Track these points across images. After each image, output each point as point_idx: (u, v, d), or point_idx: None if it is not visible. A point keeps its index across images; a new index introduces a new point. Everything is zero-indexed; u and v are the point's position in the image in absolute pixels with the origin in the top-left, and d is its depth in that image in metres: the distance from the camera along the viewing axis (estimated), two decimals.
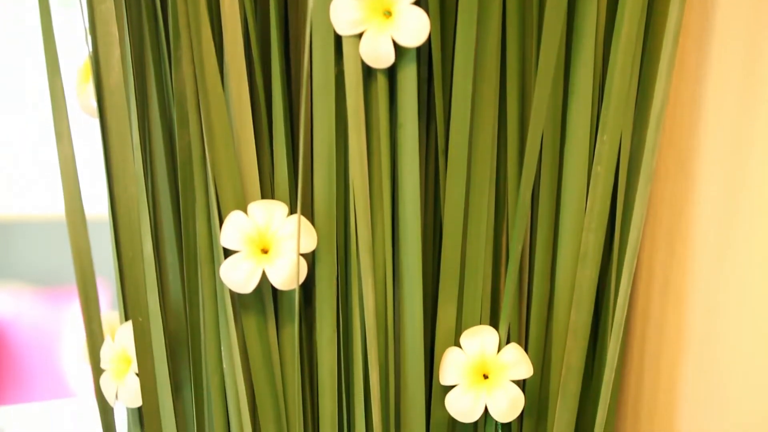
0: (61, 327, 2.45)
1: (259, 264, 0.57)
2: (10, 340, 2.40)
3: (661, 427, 0.65)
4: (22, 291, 2.55)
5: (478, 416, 0.58)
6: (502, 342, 0.59)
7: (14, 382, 2.41)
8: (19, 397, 2.36)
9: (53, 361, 2.44)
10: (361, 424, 0.59)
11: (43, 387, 2.41)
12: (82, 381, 2.40)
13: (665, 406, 0.65)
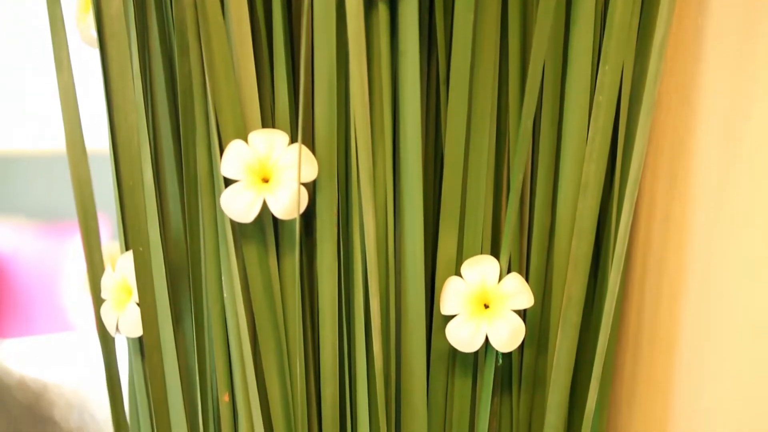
0: (61, 261, 2.46)
1: (260, 193, 0.57)
2: (10, 274, 2.41)
3: (662, 357, 0.65)
4: (22, 225, 2.56)
5: (478, 346, 0.59)
6: (503, 272, 0.59)
7: (15, 315, 2.42)
8: (19, 331, 2.37)
9: (54, 295, 2.44)
10: (361, 353, 0.60)
11: (43, 320, 2.42)
12: (83, 314, 2.41)
13: (666, 336, 0.65)
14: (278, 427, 0.60)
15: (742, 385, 0.59)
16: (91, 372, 2.11)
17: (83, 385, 2.09)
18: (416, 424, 0.60)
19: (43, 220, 2.57)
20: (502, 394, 0.62)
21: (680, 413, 0.64)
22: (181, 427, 0.62)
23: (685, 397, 0.63)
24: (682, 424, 0.64)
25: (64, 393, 2.08)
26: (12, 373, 2.06)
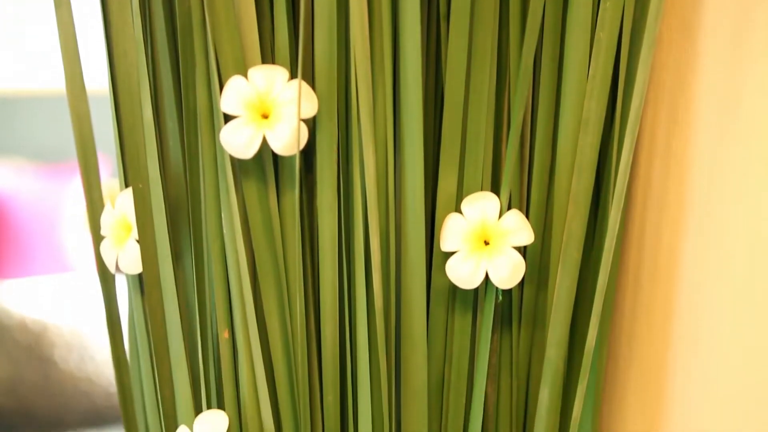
0: (61, 203, 2.46)
1: (260, 129, 0.57)
2: (10, 215, 2.41)
3: (662, 295, 0.65)
4: (23, 167, 2.56)
5: (478, 282, 0.59)
6: (503, 208, 0.59)
7: (15, 256, 2.42)
8: (19, 272, 2.38)
9: (54, 237, 2.45)
10: (361, 290, 0.60)
11: (43, 261, 2.43)
12: (82, 255, 2.41)
13: (666, 273, 0.65)
14: (278, 364, 0.61)
15: (743, 317, 0.60)
16: (90, 313, 2.12)
17: (83, 326, 2.10)
18: (416, 361, 0.60)
19: (43, 161, 2.58)
20: (502, 331, 0.63)
21: (680, 348, 0.64)
22: (180, 365, 0.62)
23: (685, 333, 0.64)
24: (682, 358, 0.64)
25: (64, 334, 2.09)
26: (12, 315, 2.07)
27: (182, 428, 0.61)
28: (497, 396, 0.63)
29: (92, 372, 2.12)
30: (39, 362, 2.09)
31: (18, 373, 2.08)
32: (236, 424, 0.61)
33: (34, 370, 2.09)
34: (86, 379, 2.11)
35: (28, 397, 2.08)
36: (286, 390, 0.61)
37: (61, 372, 2.10)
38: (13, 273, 2.36)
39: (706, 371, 0.62)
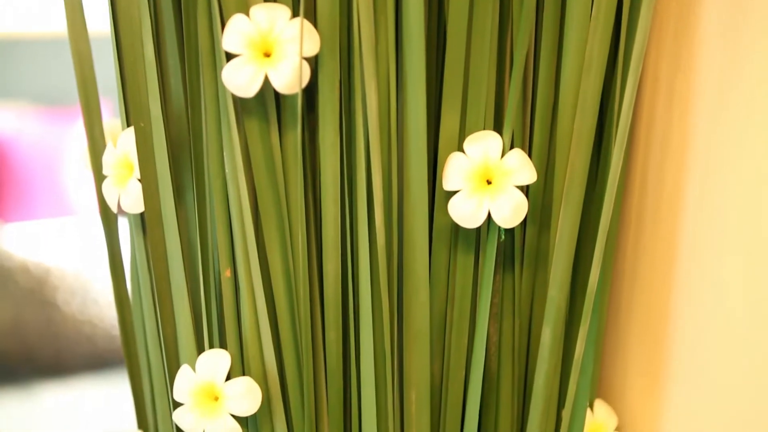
0: (64, 146, 2.46)
1: (262, 67, 0.56)
2: (13, 158, 2.41)
3: (665, 235, 0.65)
4: (26, 110, 2.55)
5: (481, 222, 0.59)
6: (506, 147, 0.59)
7: (17, 200, 2.42)
8: (22, 215, 2.38)
9: (56, 180, 2.45)
10: (363, 229, 0.60)
11: (46, 205, 2.43)
12: (85, 199, 2.41)
13: (669, 212, 0.65)
14: (280, 303, 0.61)
15: (746, 258, 0.60)
16: (93, 256, 2.12)
17: (86, 269, 2.11)
18: (418, 299, 0.60)
19: (46, 104, 2.57)
20: (504, 271, 0.63)
21: (683, 289, 0.64)
22: (182, 303, 0.63)
23: (688, 274, 0.64)
24: (684, 299, 0.64)
25: (67, 277, 2.10)
26: (14, 258, 2.08)
27: (184, 367, 0.61)
28: (499, 336, 0.63)
29: (95, 315, 2.13)
30: (41, 305, 2.10)
31: (20, 316, 2.09)
32: (238, 362, 0.62)
33: (36, 314, 2.10)
34: (88, 323, 2.12)
35: (30, 341, 2.09)
36: (288, 328, 0.61)
37: (64, 315, 2.11)
38: (15, 216, 2.36)
39: (709, 312, 0.62)
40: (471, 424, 0.63)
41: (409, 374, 0.62)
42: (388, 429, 0.61)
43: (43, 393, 2.05)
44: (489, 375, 0.63)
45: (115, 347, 2.11)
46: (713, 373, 0.62)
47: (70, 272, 2.12)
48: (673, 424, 0.65)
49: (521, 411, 0.65)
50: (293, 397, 0.62)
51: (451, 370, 0.62)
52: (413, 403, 0.62)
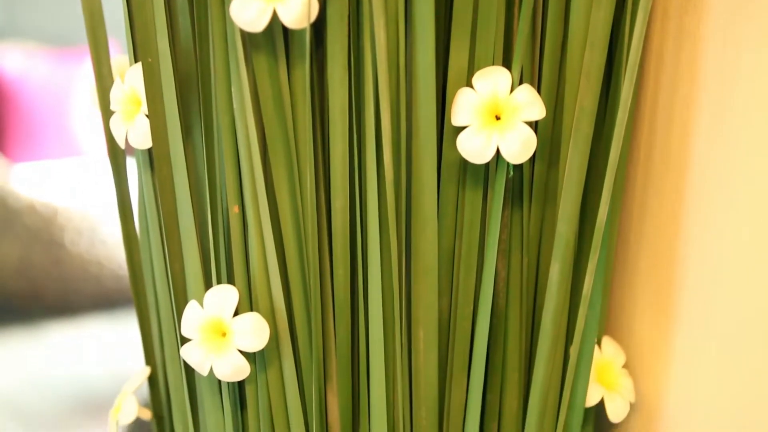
0: (72, 86, 2.46)
1: (270, 2, 0.56)
2: (21, 99, 2.41)
3: (674, 172, 0.65)
4: (33, 50, 2.55)
5: (489, 157, 0.58)
6: (515, 83, 0.59)
7: (25, 141, 2.42)
8: (30, 156, 2.38)
9: (64, 121, 2.45)
10: (372, 164, 0.59)
11: (53, 145, 2.43)
12: (92, 139, 2.41)
13: (678, 152, 0.64)
14: (288, 239, 0.61)
15: (756, 193, 0.59)
16: (101, 197, 2.12)
17: (93, 210, 2.11)
18: (426, 235, 0.60)
19: (54, 45, 2.56)
20: (512, 207, 0.62)
21: (691, 225, 0.64)
22: (190, 240, 0.63)
23: (696, 210, 0.63)
24: (694, 233, 0.64)
25: (74, 218, 2.10)
26: (22, 198, 2.08)
27: (192, 303, 0.61)
28: (507, 272, 0.63)
29: (102, 255, 2.13)
30: (49, 246, 2.10)
31: (28, 256, 2.09)
32: (246, 298, 0.62)
33: (44, 254, 2.10)
34: (96, 262, 2.13)
35: (38, 281, 2.10)
36: (296, 264, 0.61)
37: (71, 255, 2.11)
38: (23, 157, 2.37)
39: (718, 248, 0.62)
40: (479, 360, 0.63)
41: (417, 311, 0.62)
42: (396, 366, 0.62)
43: (51, 332, 2.06)
44: (497, 311, 0.63)
45: (122, 287, 2.12)
46: (722, 309, 0.62)
47: (78, 212, 2.12)
48: (680, 360, 0.66)
49: (529, 347, 0.65)
50: (301, 333, 0.62)
51: (459, 306, 0.62)
52: (421, 340, 0.62)
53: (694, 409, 0.65)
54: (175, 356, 0.67)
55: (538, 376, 0.63)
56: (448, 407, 0.63)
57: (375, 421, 0.62)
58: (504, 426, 0.65)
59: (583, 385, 0.65)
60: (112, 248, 2.13)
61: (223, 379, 0.61)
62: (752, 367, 0.61)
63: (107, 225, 2.13)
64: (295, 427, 0.62)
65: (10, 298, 2.08)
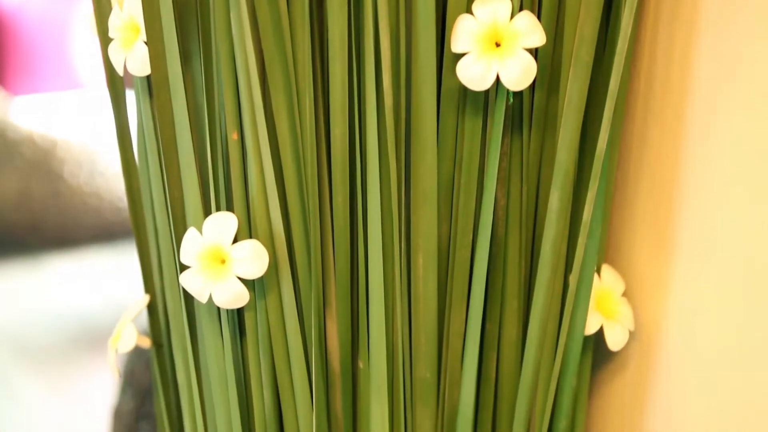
0: (70, 18, 2.44)
1: None
2: (19, 30, 2.39)
3: (675, 100, 0.65)
4: None
5: (489, 84, 0.58)
6: (515, 9, 0.58)
7: (24, 73, 2.41)
8: (29, 88, 2.37)
9: (63, 53, 2.44)
10: (371, 91, 0.59)
11: (53, 78, 2.42)
12: (92, 72, 2.40)
13: (679, 81, 0.64)
14: (287, 165, 0.61)
15: (756, 122, 0.59)
16: (100, 129, 2.11)
17: (92, 142, 2.11)
18: (426, 162, 0.60)
19: None
20: (512, 135, 0.62)
21: (692, 151, 0.64)
22: (189, 166, 0.62)
23: (697, 137, 0.63)
24: (694, 162, 0.64)
25: (73, 149, 2.09)
26: (20, 130, 2.07)
27: (191, 230, 0.61)
28: (507, 200, 0.63)
29: (101, 187, 2.13)
30: (48, 178, 2.10)
31: (27, 188, 2.09)
32: (245, 225, 0.62)
33: (43, 186, 2.10)
34: (95, 195, 2.12)
35: (37, 213, 2.10)
36: (295, 191, 0.61)
37: (71, 187, 2.11)
38: (22, 89, 2.36)
39: (718, 177, 0.62)
40: (478, 288, 0.63)
41: (417, 238, 0.62)
42: (395, 293, 0.62)
43: (51, 264, 2.06)
44: (496, 239, 0.63)
45: (121, 219, 2.12)
46: (722, 237, 0.62)
47: (77, 144, 2.12)
48: (680, 289, 0.66)
49: (528, 276, 0.65)
50: (300, 260, 0.62)
51: (459, 234, 0.62)
52: (420, 266, 0.62)
53: (694, 337, 0.65)
54: (174, 284, 0.67)
55: (538, 305, 0.63)
56: (447, 335, 0.64)
57: (374, 348, 0.62)
58: (503, 354, 0.65)
59: (582, 314, 0.65)
60: (111, 180, 2.13)
61: (222, 307, 0.61)
62: (752, 294, 0.61)
63: (106, 157, 2.13)
64: (294, 354, 0.62)
65: (9, 231, 2.09)
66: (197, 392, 0.67)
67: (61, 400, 1.63)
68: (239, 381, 0.64)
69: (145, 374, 1.04)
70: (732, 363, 0.63)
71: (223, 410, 0.65)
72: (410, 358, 0.63)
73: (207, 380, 0.66)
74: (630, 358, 0.70)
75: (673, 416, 0.67)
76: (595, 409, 0.74)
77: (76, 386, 1.67)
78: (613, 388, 0.72)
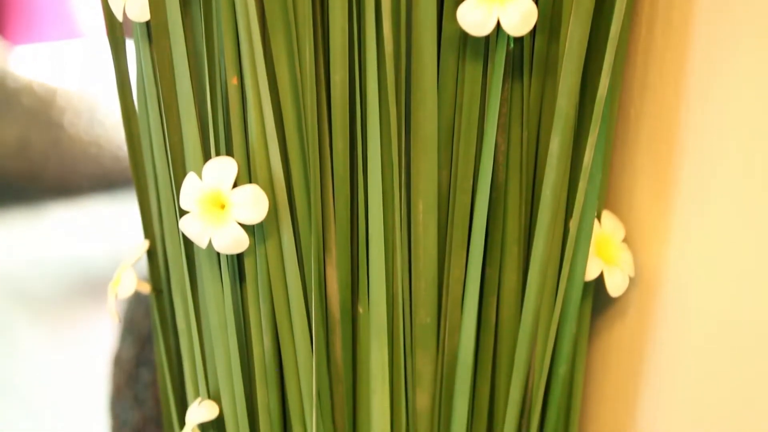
0: None
1: None
2: None
3: (676, 47, 0.64)
4: None
5: (489, 30, 0.58)
6: None
7: (24, 22, 2.40)
8: (29, 38, 2.36)
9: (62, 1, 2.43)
10: (371, 37, 0.59)
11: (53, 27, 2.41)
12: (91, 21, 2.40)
13: (680, 28, 0.64)
14: (287, 111, 0.60)
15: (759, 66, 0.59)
16: (100, 78, 2.11)
17: (92, 90, 2.10)
18: (426, 107, 0.60)
19: None
20: (513, 80, 0.62)
21: (693, 96, 0.64)
22: (189, 112, 0.62)
23: (699, 80, 0.63)
24: (695, 106, 0.64)
25: (73, 98, 2.09)
26: (20, 79, 2.07)
27: (191, 175, 0.61)
28: (507, 145, 0.63)
29: (101, 136, 2.13)
30: (48, 127, 2.10)
31: (27, 137, 2.09)
32: (245, 170, 0.61)
33: (43, 135, 2.10)
34: (95, 144, 2.12)
35: (37, 162, 2.10)
36: (295, 137, 0.61)
37: (70, 136, 2.11)
38: (23, 39, 2.35)
39: (719, 122, 0.62)
40: (478, 233, 0.63)
41: (417, 183, 0.62)
42: (395, 238, 0.62)
43: (50, 213, 2.06)
44: (496, 184, 0.63)
45: (121, 167, 2.12)
46: (722, 183, 0.62)
47: (77, 93, 2.11)
48: (680, 235, 0.66)
49: (529, 222, 0.65)
50: (300, 206, 0.62)
51: (459, 179, 0.62)
52: (420, 212, 0.62)
53: (694, 283, 0.65)
54: (173, 229, 0.67)
55: (538, 250, 0.63)
56: (447, 280, 0.64)
57: (374, 294, 0.62)
58: (503, 300, 0.65)
59: (582, 259, 0.65)
60: (111, 129, 2.13)
61: (221, 252, 0.61)
62: (752, 240, 0.61)
63: (106, 106, 2.13)
64: (294, 300, 0.62)
65: (9, 180, 2.09)
66: (197, 338, 0.67)
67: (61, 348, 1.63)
68: (239, 326, 0.64)
69: (145, 321, 1.04)
70: (732, 308, 0.63)
71: (222, 356, 0.65)
72: (410, 304, 0.63)
73: (207, 326, 0.66)
74: (630, 304, 0.71)
75: (672, 360, 0.68)
76: (595, 354, 0.74)
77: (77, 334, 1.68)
78: (613, 334, 0.72)
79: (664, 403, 0.69)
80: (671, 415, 0.68)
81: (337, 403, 0.65)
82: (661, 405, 0.69)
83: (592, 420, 0.75)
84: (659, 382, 0.69)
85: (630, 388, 0.71)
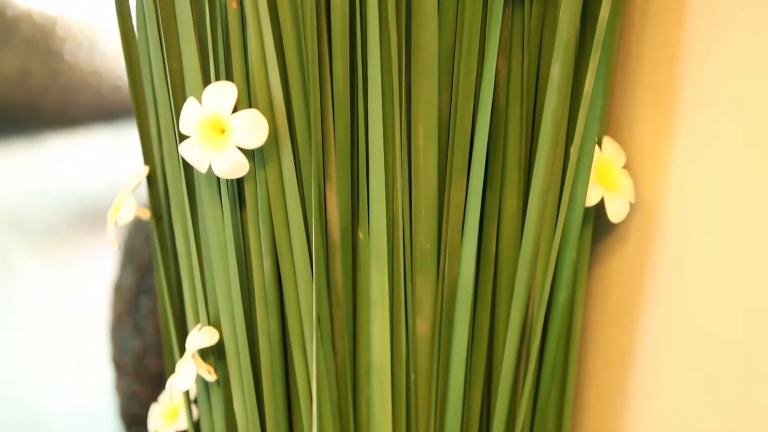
0: None
1: None
2: None
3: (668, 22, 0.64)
4: None
5: None
6: None
7: None
8: None
9: None
10: None
11: None
12: None
13: None
14: (287, 35, 0.60)
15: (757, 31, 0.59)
16: (100, 8, 2.09)
17: (91, 19, 2.09)
18: (427, 32, 0.60)
19: None
20: (513, 6, 0.62)
21: (694, 26, 0.63)
22: (188, 36, 0.62)
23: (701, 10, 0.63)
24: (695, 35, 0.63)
25: (72, 27, 2.08)
26: (19, 7, 2.05)
27: (190, 99, 0.61)
28: (508, 71, 0.63)
29: (101, 66, 2.12)
30: (47, 56, 2.09)
31: (26, 66, 2.08)
32: (245, 95, 0.61)
33: (42, 64, 2.09)
34: (95, 73, 2.11)
35: (36, 91, 2.09)
36: (295, 61, 0.60)
37: (70, 66, 2.10)
38: None
39: (721, 48, 0.62)
40: (478, 158, 0.63)
41: (417, 108, 0.61)
42: (395, 163, 0.62)
43: (50, 143, 2.06)
44: (497, 110, 0.63)
45: (121, 97, 2.11)
46: (723, 109, 0.62)
47: (76, 22, 2.10)
48: (681, 161, 0.65)
49: (529, 147, 0.65)
50: (300, 129, 0.61)
51: (459, 104, 0.62)
52: (421, 137, 0.62)
53: (694, 210, 0.65)
54: (173, 154, 0.67)
55: (538, 176, 0.63)
56: (447, 206, 0.64)
57: (374, 218, 0.62)
58: (503, 226, 0.65)
59: (583, 185, 0.65)
60: (110, 59, 2.11)
61: (221, 176, 0.61)
62: (753, 165, 0.61)
63: (106, 36, 2.11)
64: (294, 224, 0.62)
65: (9, 109, 2.08)
66: (197, 263, 0.67)
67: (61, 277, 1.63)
68: (239, 251, 0.64)
69: (145, 249, 1.04)
70: (731, 236, 0.63)
71: (222, 281, 0.65)
72: (410, 229, 0.63)
73: (206, 251, 0.66)
74: (630, 231, 0.71)
75: (672, 287, 0.68)
76: (595, 281, 0.74)
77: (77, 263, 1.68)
78: (614, 261, 0.72)
79: (663, 330, 0.69)
80: (671, 341, 0.68)
81: (337, 329, 0.65)
82: (661, 331, 0.69)
83: (592, 346, 0.75)
84: (659, 308, 0.69)
85: (630, 314, 0.71)
